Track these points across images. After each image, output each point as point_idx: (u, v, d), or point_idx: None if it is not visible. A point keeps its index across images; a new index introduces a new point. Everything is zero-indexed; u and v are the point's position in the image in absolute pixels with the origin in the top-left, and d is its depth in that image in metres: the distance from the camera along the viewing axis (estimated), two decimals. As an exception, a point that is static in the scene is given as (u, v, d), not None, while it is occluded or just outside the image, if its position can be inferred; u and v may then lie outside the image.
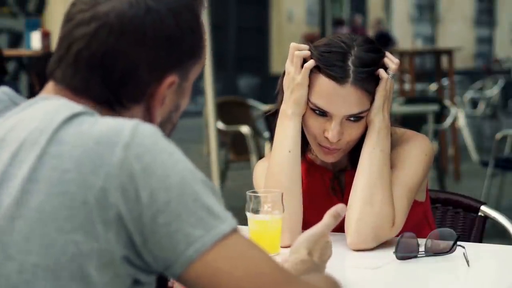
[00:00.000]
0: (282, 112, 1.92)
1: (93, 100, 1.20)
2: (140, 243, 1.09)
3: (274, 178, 1.91)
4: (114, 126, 1.12)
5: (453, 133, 7.89)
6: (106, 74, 1.19)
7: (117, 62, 1.18)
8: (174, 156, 1.12)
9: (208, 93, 4.69)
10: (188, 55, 1.25)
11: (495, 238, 2.32)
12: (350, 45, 1.86)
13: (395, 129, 1.97)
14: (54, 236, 1.08)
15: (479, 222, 2.18)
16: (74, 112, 1.15)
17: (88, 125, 1.13)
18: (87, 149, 1.10)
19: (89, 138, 1.11)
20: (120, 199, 1.08)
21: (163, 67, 1.21)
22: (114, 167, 1.09)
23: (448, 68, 8.15)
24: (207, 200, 1.11)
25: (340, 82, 1.84)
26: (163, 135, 1.13)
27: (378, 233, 1.83)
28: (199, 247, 1.09)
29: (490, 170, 5.66)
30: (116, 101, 1.20)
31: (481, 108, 11.33)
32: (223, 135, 6.33)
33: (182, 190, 1.09)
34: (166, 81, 1.21)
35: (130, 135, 1.11)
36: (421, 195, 2.00)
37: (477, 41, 22.73)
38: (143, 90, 1.21)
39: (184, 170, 1.11)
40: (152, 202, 1.08)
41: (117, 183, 1.08)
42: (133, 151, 1.10)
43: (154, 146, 1.11)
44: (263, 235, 1.80)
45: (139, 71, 1.19)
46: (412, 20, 21.09)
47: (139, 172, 1.09)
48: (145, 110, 1.23)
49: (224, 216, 1.12)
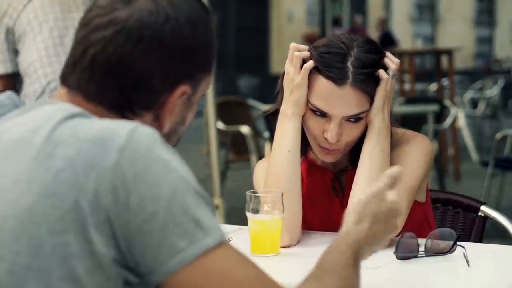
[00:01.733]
0: (282, 112, 1.92)
1: (105, 106, 1.20)
2: (125, 248, 1.09)
3: (273, 178, 1.91)
4: (110, 128, 1.12)
5: (453, 133, 7.89)
6: (120, 80, 1.19)
7: (133, 68, 1.18)
8: (169, 165, 1.10)
9: (208, 93, 4.69)
10: (201, 68, 1.25)
11: (495, 238, 2.32)
12: (350, 46, 1.86)
13: (395, 130, 1.97)
14: (44, 237, 1.08)
15: (479, 222, 2.18)
16: (71, 113, 1.15)
17: (84, 126, 1.12)
18: (82, 149, 1.10)
19: (84, 139, 1.11)
20: (110, 202, 1.07)
21: (177, 76, 1.21)
22: (107, 170, 1.08)
23: (448, 68, 8.14)
24: (196, 212, 1.09)
25: (339, 84, 1.84)
26: (161, 140, 1.13)
27: (378, 233, 1.83)
28: (181, 259, 1.08)
29: (490, 170, 5.66)
30: (128, 108, 1.20)
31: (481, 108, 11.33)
32: (223, 135, 6.32)
33: (171, 201, 1.08)
34: (178, 90, 1.21)
35: (126, 139, 1.10)
36: (421, 195, 2.00)
37: (477, 41, 22.73)
38: (155, 98, 1.21)
39: (177, 180, 1.10)
40: (140, 210, 1.07)
41: (109, 186, 1.08)
42: (128, 156, 1.09)
43: (150, 152, 1.10)
44: (263, 235, 1.80)
45: (153, 79, 1.19)
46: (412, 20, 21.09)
47: (131, 178, 1.08)
48: (154, 119, 1.23)
49: (211, 229, 1.10)
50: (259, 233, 1.80)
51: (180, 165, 1.12)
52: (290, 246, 1.88)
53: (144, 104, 1.21)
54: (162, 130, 1.23)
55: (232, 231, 2.02)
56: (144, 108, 1.21)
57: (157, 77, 1.19)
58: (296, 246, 1.89)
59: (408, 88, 8.56)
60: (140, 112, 1.21)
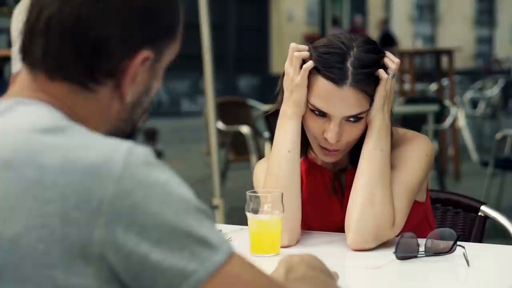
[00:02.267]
0: (282, 112, 1.92)
1: (67, 80, 1.13)
2: (129, 279, 1.04)
3: (273, 178, 1.91)
4: (104, 154, 1.04)
5: (453, 133, 7.89)
6: (78, 44, 1.12)
7: (90, 31, 1.11)
8: (167, 188, 1.05)
9: (208, 93, 4.69)
10: (164, 33, 1.18)
11: (495, 238, 2.32)
12: (349, 46, 1.86)
13: (396, 129, 1.97)
14: (30, 271, 1.02)
15: (479, 222, 2.18)
16: (55, 129, 1.07)
17: (75, 150, 1.04)
18: (74, 179, 1.02)
19: (76, 167, 1.03)
20: (105, 239, 1.01)
21: (137, 40, 1.14)
22: (103, 203, 1.01)
23: (448, 68, 8.15)
24: (201, 231, 1.05)
25: (338, 84, 1.83)
26: (156, 159, 1.07)
27: (378, 233, 1.83)
28: (194, 281, 1.03)
29: (490, 170, 5.66)
30: (89, 76, 1.13)
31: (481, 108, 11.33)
32: (223, 135, 6.32)
33: (175, 225, 1.03)
34: (140, 56, 1.15)
35: (122, 167, 1.03)
36: (422, 195, 2.00)
37: (477, 41, 22.74)
38: (116, 64, 1.14)
39: (177, 203, 1.05)
40: (143, 239, 1.02)
41: (105, 220, 1.01)
42: (125, 186, 1.02)
43: (147, 178, 1.04)
44: (263, 235, 1.80)
45: (113, 42, 1.12)
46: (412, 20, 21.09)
47: (130, 209, 1.02)
48: (115, 86, 1.15)
49: (218, 244, 1.06)
50: (259, 233, 1.80)
51: (177, 184, 1.07)
52: (290, 246, 1.88)
53: (105, 71, 1.13)
54: (124, 99, 1.16)
55: (232, 231, 2.02)
56: (105, 74, 1.14)
57: (116, 40, 1.13)
58: (296, 246, 1.89)
59: (408, 88, 8.56)
60: (102, 80, 1.14)
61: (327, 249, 1.86)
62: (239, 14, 16.96)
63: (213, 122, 4.70)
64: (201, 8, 4.57)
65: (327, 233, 1.98)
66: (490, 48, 23.04)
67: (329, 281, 1.33)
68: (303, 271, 1.31)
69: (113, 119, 1.18)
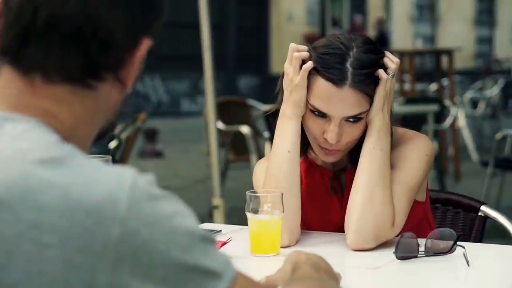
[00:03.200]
0: (282, 113, 1.92)
1: (68, 82, 1.04)
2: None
3: (273, 178, 1.91)
4: (107, 193, 0.96)
5: (453, 133, 7.89)
6: (86, 44, 1.02)
7: (99, 27, 1.02)
8: (173, 221, 0.99)
9: (208, 93, 4.69)
10: (157, 15, 1.11)
11: (495, 238, 2.32)
12: (349, 46, 1.86)
13: (396, 129, 1.97)
14: None
15: (479, 222, 2.18)
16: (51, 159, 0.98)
17: (75, 190, 0.96)
18: (75, 222, 0.94)
19: (78, 207, 0.95)
20: (110, 282, 0.95)
21: (140, 29, 1.08)
22: (107, 247, 0.94)
23: (448, 68, 8.15)
24: (206, 261, 1.01)
25: (338, 85, 1.83)
26: (158, 187, 1.01)
27: (378, 233, 1.83)
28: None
29: (490, 170, 5.67)
30: (92, 73, 1.04)
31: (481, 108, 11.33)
32: (223, 135, 6.33)
33: (181, 263, 0.99)
34: (143, 45, 1.08)
35: (127, 207, 0.96)
36: (422, 195, 2.00)
37: (477, 41, 22.74)
38: (120, 57, 1.06)
39: (184, 236, 0.99)
40: (149, 279, 0.97)
41: (109, 264, 0.95)
42: (130, 227, 0.96)
43: (153, 214, 0.98)
44: (263, 235, 1.80)
45: (119, 35, 1.04)
46: (412, 20, 21.10)
47: (136, 250, 0.96)
48: (115, 80, 1.08)
49: (221, 271, 1.02)
50: (259, 233, 1.80)
51: (183, 215, 1.01)
52: (290, 246, 1.88)
53: (108, 66, 1.05)
54: (125, 91, 1.10)
55: (232, 231, 2.02)
56: (108, 69, 1.06)
57: (122, 33, 1.04)
58: (295, 246, 1.89)
59: (408, 88, 8.56)
60: (104, 76, 1.06)
61: (327, 249, 1.86)
62: (239, 14, 16.96)
63: (213, 122, 4.71)
64: (201, 8, 4.57)
65: (327, 233, 1.98)
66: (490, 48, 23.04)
67: (331, 282, 1.33)
68: (307, 271, 1.31)
69: (112, 112, 1.12)
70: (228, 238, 1.92)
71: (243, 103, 7.00)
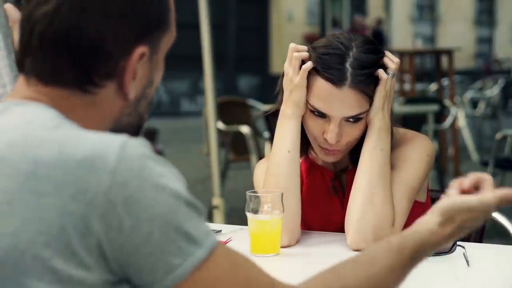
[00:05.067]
0: (282, 113, 1.92)
1: (65, 86, 1.15)
2: (117, 269, 1.06)
3: (273, 179, 1.91)
4: (99, 147, 1.06)
5: (453, 133, 7.89)
6: (73, 52, 1.13)
7: (82, 38, 1.12)
8: (161, 181, 1.06)
9: (208, 93, 4.69)
10: (156, 24, 1.18)
11: (495, 238, 2.32)
12: (349, 46, 1.85)
13: (397, 129, 1.97)
14: (30, 264, 1.03)
15: (479, 222, 2.17)
16: (51, 126, 1.09)
17: (69, 144, 1.06)
18: (69, 172, 1.04)
19: (71, 160, 1.05)
20: (101, 229, 1.04)
21: (131, 38, 1.15)
22: (97, 195, 1.03)
23: (448, 68, 8.14)
24: (189, 226, 1.07)
25: (337, 85, 1.83)
26: (150, 151, 1.09)
27: (378, 233, 1.83)
28: (177, 275, 1.06)
29: (490, 170, 5.66)
30: (87, 81, 1.14)
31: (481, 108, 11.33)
32: (223, 135, 6.32)
33: (165, 220, 1.06)
34: (136, 53, 1.15)
35: (117, 159, 1.05)
36: (422, 195, 2.00)
37: (477, 41, 22.74)
38: (113, 65, 1.15)
39: (170, 197, 1.06)
40: (135, 232, 1.04)
41: (100, 212, 1.03)
42: (119, 178, 1.04)
43: (142, 170, 1.06)
44: (263, 235, 1.80)
45: (107, 44, 1.13)
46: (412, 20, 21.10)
47: (124, 201, 1.04)
48: (117, 87, 1.17)
49: (202, 239, 1.08)
50: (259, 233, 1.80)
51: (171, 177, 1.08)
52: (290, 246, 1.88)
53: (103, 73, 1.15)
54: (127, 97, 1.18)
55: (232, 231, 2.02)
56: (104, 77, 1.15)
57: (110, 42, 1.13)
58: (296, 246, 1.89)
59: (408, 88, 8.56)
60: (101, 82, 1.15)
61: (327, 249, 1.86)
62: (239, 14, 16.96)
63: (213, 122, 4.71)
64: (201, 8, 4.57)
65: (327, 233, 1.98)
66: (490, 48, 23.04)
67: None
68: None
69: (117, 116, 1.19)
70: (228, 238, 1.92)
71: (243, 103, 7.00)
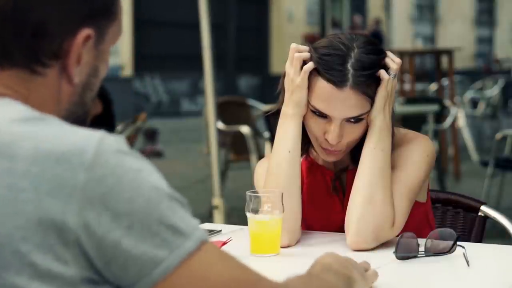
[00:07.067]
0: (283, 113, 1.92)
1: (15, 66, 1.15)
2: (102, 266, 1.06)
3: (273, 178, 1.91)
4: (75, 143, 1.06)
5: (453, 133, 7.89)
6: (18, 28, 1.14)
7: (28, 13, 1.14)
8: (139, 175, 1.07)
9: (208, 93, 4.69)
10: (102, 11, 1.20)
11: (495, 238, 2.32)
12: (350, 47, 1.85)
13: (398, 130, 1.97)
14: (9, 259, 1.04)
15: (479, 222, 2.18)
16: (29, 117, 1.10)
17: (46, 140, 1.07)
18: (46, 168, 1.05)
19: (48, 156, 1.05)
20: (79, 225, 1.04)
21: (75, 19, 1.17)
22: (75, 190, 1.04)
23: (448, 68, 8.15)
24: (172, 218, 1.07)
25: (338, 86, 1.83)
26: (128, 147, 1.09)
27: (378, 233, 1.83)
28: (164, 269, 1.06)
29: (490, 170, 5.67)
30: (34, 59, 1.15)
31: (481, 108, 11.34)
32: (223, 135, 6.33)
33: (146, 213, 1.06)
34: (81, 34, 1.17)
35: (94, 155, 1.05)
36: (423, 195, 2.00)
37: (477, 41, 22.75)
38: (58, 44, 1.16)
39: (149, 191, 1.07)
40: (115, 227, 1.04)
41: (77, 207, 1.04)
42: (97, 173, 1.04)
43: (118, 166, 1.06)
44: (263, 235, 1.80)
45: (52, 23, 1.15)
46: (412, 20, 21.10)
47: (102, 196, 1.04)
48: (62, 69, 1.17)
49: (189, 232, 1.08)
50: (259, 233, 1.80)
51: (149, 172, 1.09)
52: (290, 246, 1.88)
53: (48, 52, 1.16)
54: (71, 80, 1.18)
55: (232, 231, 2.02)
56: (50, 56, 1.16)
57: (54, 21, 1.15)
58: (296, 246, 1.89)
59: (408, 88, 8.56)
60: (48, 63, 1.16)
61: (327, 249, 1.85)
62: (239, 14, 16.96)
63: (213, 122, 4.71)
64: (201, 8, 4.57)
65: (327, 233, 1.98)
66: (490, 48, 23.05)
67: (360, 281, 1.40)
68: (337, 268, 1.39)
69: (66, 103, 1.20)
70: (228, 238, 1.92)
71: (243, 103, 7.00)
